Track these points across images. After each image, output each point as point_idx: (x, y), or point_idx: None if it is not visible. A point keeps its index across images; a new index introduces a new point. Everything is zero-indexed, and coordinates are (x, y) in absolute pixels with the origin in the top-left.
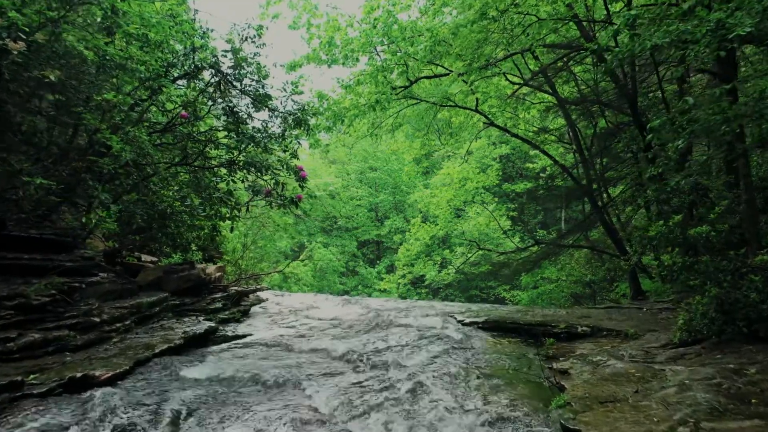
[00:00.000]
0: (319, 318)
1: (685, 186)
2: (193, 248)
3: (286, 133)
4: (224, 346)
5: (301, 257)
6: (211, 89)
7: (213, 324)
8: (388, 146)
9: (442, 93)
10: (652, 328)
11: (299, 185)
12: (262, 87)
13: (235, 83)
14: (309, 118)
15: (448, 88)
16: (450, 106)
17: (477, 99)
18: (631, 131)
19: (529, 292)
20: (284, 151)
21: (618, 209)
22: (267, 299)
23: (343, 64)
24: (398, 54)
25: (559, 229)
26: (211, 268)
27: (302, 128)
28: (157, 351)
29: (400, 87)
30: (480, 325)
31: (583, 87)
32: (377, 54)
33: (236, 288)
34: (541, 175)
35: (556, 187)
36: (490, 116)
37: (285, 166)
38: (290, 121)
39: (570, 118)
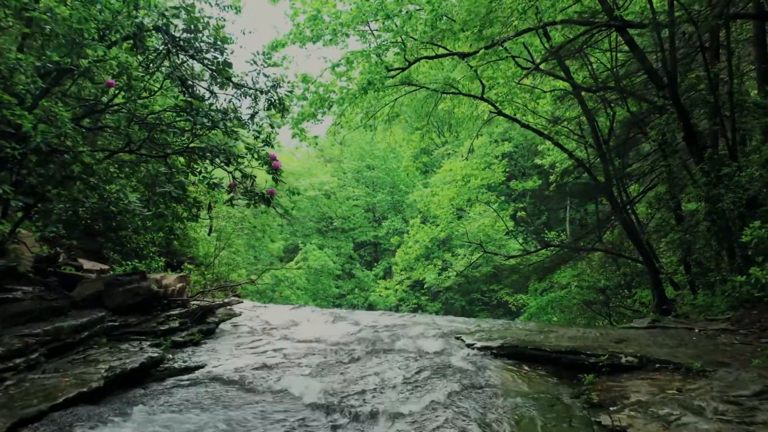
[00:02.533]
0: (298, 339)
1: None
2: (152, 254)
3: (258, 114)
4: (167, 384)
5: (296, 260)
6: (160, 60)
7: (157, 353)
8: (384, 139)
9: (443, 79)
10: (719, 359)
11: (273, 178)
12: (221, 53)
13: (187, 49)
14: (284, 96)
15: (451, 74)
16: (453, 93)
17: (483, 85)
18: (667, 117)
19: (537, 299)
20: (257, 137)
21: (652, 208)
22: (241, 313)
23: (331, 41)
24: (394, 30)
25: (564, 230)
26: (170, 279)
27: (277, 110)
28: (60, 400)
29: (397, 69)
30: (494, 351)
31: (600, 69)
32: (371, 32)
33: (199, 302)
34: (553, 170)
35: (573, 184)
36: (496, 105)
37: (255, 155)
38: (263, 101)
39: (586, 107)
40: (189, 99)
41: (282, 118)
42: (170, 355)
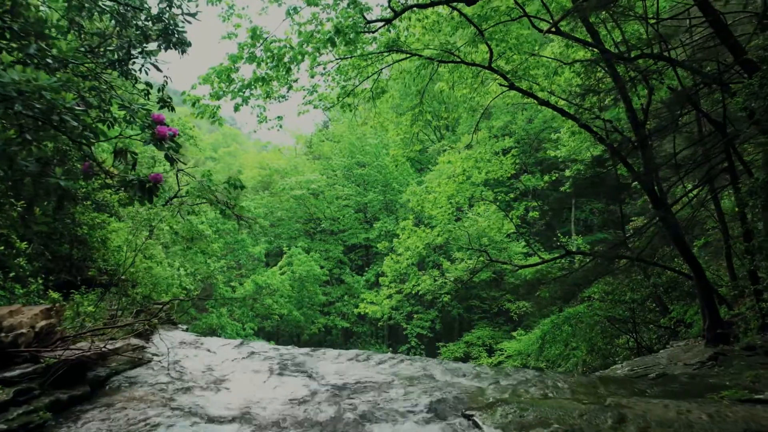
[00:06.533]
0: (212, 416)
1: None
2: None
3: (152, 57)
4: None
5: (279, 264)
6: None
7: None
8: (370, 121)
9: (441, 45)
10: None
11: (165, 155)
12: None
13: None
14: (181, 23)
15: (450, 38)
16: (453, 62)
17: (491, 51)
18: (762, 74)
19: (552, 315)
20: (147, 94)
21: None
22: (151, 360)
23: None
24: None
25: (569, 231)
26: (25, 315)
27: (178, 49)
28: None
29: (379, 20)
30: None
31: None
32: None
33: (64, 351)
34: (573, 163)
35: (603, 177)
36: (508, 77)
37: (132, 117)
38: (150, 30)
39: (620, 79)
40: None
41: (181, 53)
42: None
